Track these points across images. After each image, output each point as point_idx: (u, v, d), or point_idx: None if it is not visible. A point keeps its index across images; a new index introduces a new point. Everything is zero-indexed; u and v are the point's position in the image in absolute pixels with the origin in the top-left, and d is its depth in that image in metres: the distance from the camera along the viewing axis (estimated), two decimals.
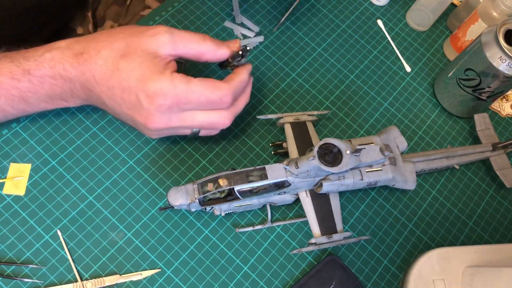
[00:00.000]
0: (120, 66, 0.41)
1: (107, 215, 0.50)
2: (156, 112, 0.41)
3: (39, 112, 0.53)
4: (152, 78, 0.40)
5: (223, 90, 0.43)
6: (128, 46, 0.41)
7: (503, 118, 0.64)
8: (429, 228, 0.56)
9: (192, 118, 0.44)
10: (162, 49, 0.41)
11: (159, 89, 0.40)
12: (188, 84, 0.41)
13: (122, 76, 0.41)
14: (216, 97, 0.43)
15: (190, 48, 0.43)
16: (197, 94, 0.42)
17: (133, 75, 0.40)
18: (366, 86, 0.63)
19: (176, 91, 0.41)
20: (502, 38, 0.50)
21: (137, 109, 0.42)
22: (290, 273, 0.50)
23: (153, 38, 0.41)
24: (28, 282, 0.46)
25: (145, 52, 0.41)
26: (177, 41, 0.42)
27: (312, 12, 0.67)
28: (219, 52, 0.44)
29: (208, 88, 0.42)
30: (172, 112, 0.42)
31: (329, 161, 0.43)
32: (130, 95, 0.41)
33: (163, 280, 0.48)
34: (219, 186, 0.45)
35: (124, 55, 0.41)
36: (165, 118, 0.42)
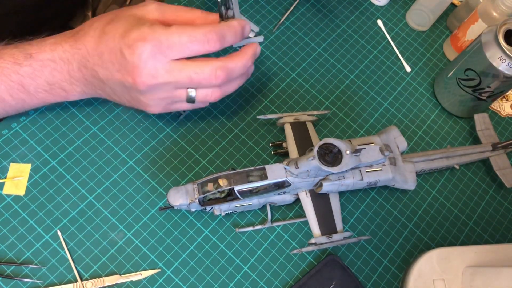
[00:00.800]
0: (106, 29, 0.42)
1: (107, 215, 0.50)
2: (140, 61, 0.40)
3: (39, 111, 0.53)
4: (132, 29, 0.40)
5: (206, 27, 0.40)
6: (116, 14, 0.43)
7: (503, 118, 0.64)
8: (429, 228, 0.56)
9: (180, 69, 0.41)
10: (150, 14, 0.42)
11: (137, 35, 0.40)
12: (168, 28, 0.40)
13: (108, 38, 0.41)
14: (199, 34, 0.40)
15: (179, 15, 0.43)
16: (178, 35, 0.40)
17: (117, 32, 0.41)
18: (366, 86, 0.63)
19: (155, 35, 0.39)
20: (502, 38, 0.50)
21: (123, 68, 0.41)
22: (290, 273, 0.50)
23: (140, 7, 0.43)
24: (28, 282, 0.46)
25: (131, 15, 0.42)
26: (165, 9, 0.43)
27: (312, 12, 0.67)
28: (210, 17, 0.44)
29: (190, 28, 0.40)
30: (157, 59, 0.40)
31: (329, 161, 0.43)
32: (116, 53, 0.41)
33: (163, 280, 0.48)
34: (219, 186, 0.45)
35: (111, 21, 0.42)
36: (151, 68, 0.40)
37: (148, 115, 0.55)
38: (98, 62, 0.43)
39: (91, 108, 0.54)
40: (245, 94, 0.59)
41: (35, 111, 0.53)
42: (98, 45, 0.42)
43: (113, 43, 0.41)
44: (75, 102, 0.54)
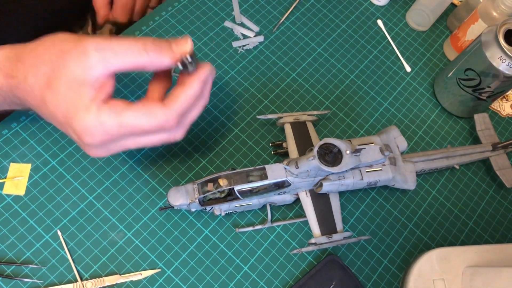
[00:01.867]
0: (46, 98, 0.37)
1: (107, 215, 0.50)
2: (89, 147, 0.38)
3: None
4: (76, 115, 0.36)
5: (161, 117, 0.37)
6: (53, 72, 0.36)
7: (503, 118, 0.64)
8: (429, 228, 0.56)
9: (135, 143, 0.39)
10: (91, 73, 0.36)
11: (84, 128, 0.36)
12: (118, 117, 0.36)
13: (49, 110, 0.37)
14: (154, 127, 0.38)
15: (127, 63, 0.37)
16: (130, 128, 0.37)
17: (59, 110, 0.37)
18: (366, 86, 0.63)
19: (104, 128, 0.36)
20: (502, 38, 0.50)
21: (71, 136, 0.39)
22: (290, 273, 0.50)
23: (79, 61, 0.36)
24: (28, 282, 0.46)
25: (71, 81, 0.36)
26: (108, 59, 0.36)
27: (312, 12, 0.67)
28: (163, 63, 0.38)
29: (143, 118, 0.37)
30: (107, 144, 0.38)
31: (329, 161, 0.43)
32: (62, 127, 0.39)
33: (163, 280, 0.48)
34: (219, 186, 0.45)
35: (49, 85, 0.37)
36: (102, 150, 0.39)
37: None
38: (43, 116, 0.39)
39: None
40: (245, 94, 0.59)
41: None
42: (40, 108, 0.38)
43: (56, 119, 0.38)
44: None
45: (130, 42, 0.37)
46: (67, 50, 0.36)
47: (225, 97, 0.58)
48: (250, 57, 0.61)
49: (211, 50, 0.61)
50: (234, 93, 0.59)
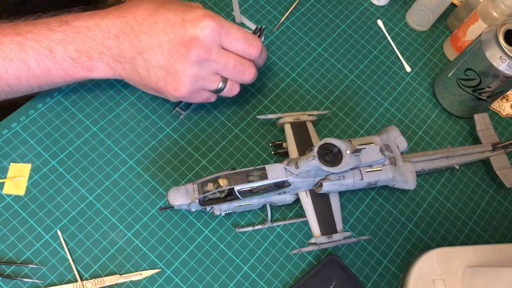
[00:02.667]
0: (165, 4, 0.45)
1: (107, 215, 0.50)
2: (201, 34, 0.43)
3: (39, 111, 0.53)
4: (197, 8, 0.44)
5: (256, 39, 0.47)
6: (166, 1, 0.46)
7: (503, 118, 0.64)
8: (429, 228, 0.56)
9: (227, 55, 0.46)
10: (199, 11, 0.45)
11: (203, 12, 0.43)
12: (226, 21, 0.45)
13: (167, 10, 0.44)
14: (251, 37, 0.46)
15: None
16: (235, 28, 0.45)
17: (179, 8, 0.44)
18: (366, 86, 0.63)
19: (220, 19, 0.44)
20: (502, 38, 0.50)
21: (179, 38, 0.43)
22: (290, 273, 0.50)
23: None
24: (28, 282, 0.46)
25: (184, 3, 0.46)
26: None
27: (312, 12, 0.67)
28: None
29: (245, 32, 0.46)
30: (214, 39, 0.44)
31: (329, 161, 0.43)
32: (175, 24, 0.43)
33: (163, 280, 0.48)
34: (219, 186, 0.45)
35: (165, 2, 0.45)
36: (208, 44, 0.44)
37: (148, 115, 0.55)
38: (145, 30, 0.44)
39: (91, 108, 0.54)
40: (245, 94, 0.59)
41: (35, 110, 0.53)
42: (153, 15, 0.44)
43: (173, 15, 0.43)
44: (75, 102, 0.54)
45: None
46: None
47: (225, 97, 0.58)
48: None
49: None
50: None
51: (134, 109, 0.55)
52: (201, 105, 0.57)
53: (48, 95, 0.54)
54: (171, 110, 0.56)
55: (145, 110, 0.55)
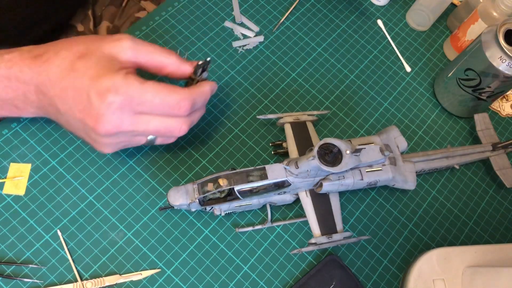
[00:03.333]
0: (76, 66, 0.39)
1: (107, 215, 0.50)
2: (107, 110, 0.39)
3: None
4: (105, 75, 0.39)
5: (181, 94, 0.41)
6: (88, 48, 0.40)
7: (503, 118, 0.64)
8: (429, 228, 0.56)
9: (146, 123, 0.41)
10: (123, 54, 0.40)
11: (110, 85, 0.38)
12: (143, 83, 0.39)
13: (76, 76, 0.39)
14: (173, 101, 0.41)
15: (153, 58, 0.42)
16: (151, 95, 0.39)
17: (87, 73, 0.39)
18: (366, 86, 0.63)
19: (129, 89, 0.39)
20: (502, 38, 0.50)
21: (87, 110, 0.39)
22: (290, 273, 0.50)
23: (114, 43, 0.40)
24: (28, 282, 0.46)
25: (104, 54, 0.40)
26: (139, 49, 0.41)
27: (312, 12, 0.67)
28: (183, 67, 0.43)
29: (165, 90, 0.40)
30: (124, 112, 0.39)
31: (329, 161, 0.43)
32: (82, 94, 0.39)
33: (163, 280, 0.48)
34: (219, 186, 0.45)
35: (82, 56, 0.40)
36: (116, 119, 0.39)
37: None
38: (59, 95, 0.40)
39: None
40: (245, 94, 0.59)
41: None
42: (64, 79, 0.40)
43: (81, 83, 0.39)
44: None
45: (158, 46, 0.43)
46: (102, 38, 0.41)
47: (225, 97, 0.58)
48: (250, 57, 0.61)
49: (211, 50, 0.61)
50: (234, 93, 0.59)
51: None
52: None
53: None
54: None
55: None
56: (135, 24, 0.60)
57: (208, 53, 0.60)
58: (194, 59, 0.59)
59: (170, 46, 0.60)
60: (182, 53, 0.59)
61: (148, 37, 0.59)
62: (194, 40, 0.61)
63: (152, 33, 0.60)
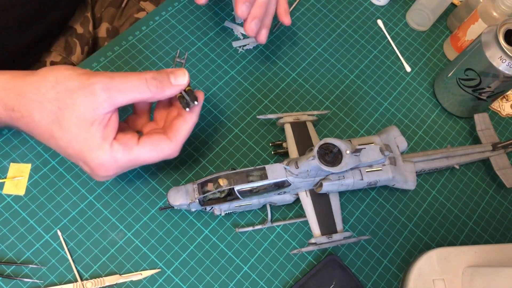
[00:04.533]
0: (56, 135, 0.38)
1: (107, 215, 0.50)
2: (100, 177, 0.41)
3: None
4: (91, 153, 0.38)
5: (168, 150, 0.41)
6: (61, 110, 0.37)
7: (503, 118, 0.64)
8: (429, 228, 0.56)
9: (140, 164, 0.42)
10: (99, 112, 0.38)
11: (99, 164, 0.39)
12: (130, 153, 0.40)
13: (59, 144, 0.39)
14: (161, 158, 0.42)
15: (131, 98, 0.39)
16: (140, 161, 0.41)
17: (71, 147, 0.38)
18: (366, 86, 0.63)
19: (118, 164, 0.40)
20: (502, 38, 0.50)
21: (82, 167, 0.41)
22: (290, 273, 0.50)
23: (87, 101, 0.37)
24: (28, 282, 0.46)
25: (80, 120, 0.37)
26: (115, 97, 0.38)
27: (312, 12, 0.67)
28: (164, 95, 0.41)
29: (152, 153, 0.41)
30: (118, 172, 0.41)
31: (329, 161, 0.43)
32: (71, 159, 0.40)
33: (163, 280, 0.48)
34: (219, 186, 0.45)
35: (57, 123, 0.38)
36: (111, 176, 0.41)
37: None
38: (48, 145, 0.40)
39: None
40: (245, 94, 0.59)
41: None
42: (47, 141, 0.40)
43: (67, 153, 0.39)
44: None
45: (133, 79, 0.39)
46: (74, 89, 0.37)
47: (225, 97, 0.58)
48: (250, 57, 0.61)
49: (211, 50, 0.61)
50: (234, 93, 0.59)
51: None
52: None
53: None
54: None
55: None
56: (135, 24, 0.60)
57: (208, 53, 0.60)
58: (194, 59, 0.59)
59: (170, 46, 0.60)
60: (182, 53, 0.59)
61: (148, 37, 0.59)
62: (194, 40, 0.61)
63: (152, 33, 0.60)
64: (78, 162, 0.40)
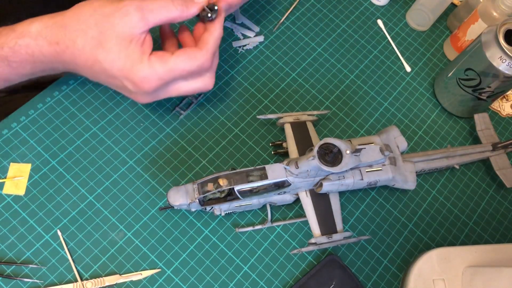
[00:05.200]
0: (99, 57, 0.42)
1: (107, 215, 0.50)
2: (144, 93, 0.44)
3: (39, 110, 0.53)
4: (133, 68, 0.42)
5: (201, 58, 0.44)
6: (102, 34, 0.41)
7: (503, 118, 0.64)
8: (429, 228, 0.56)
9: (177, 90, 0.46)
10: (136, 30, 0.42)
11: (142, 77, 0.42)
12: (167, 64, 0.43)
13: (103, 66, 0.42)
14: (196, 67, 0.44)
15: (162, 18, 0.43)
16: (178, 71, 0.43)
17: (114, 66, 0.42)
18: (366, 86, 0.63)
19: (159, 75, 0.43)
20: (502, 38, 0.50)
21: (124, 90, 0.45)
22: (290, 273, 0.50)
23: (124, 21, 0.41)
24: (28, 282, 0.46)
25: (120, 39, 0.41)
26: (147, 17, 0.42)
27: (312, 12, 0.67)
28: (190, 13, 0.45)
29: (187, 62, 0.43)
30: (159, 90, 0.44)
31: (329, 161, 0.43)
32: (115, 80, 0.43)
33: (163, 280, 0.48)
34: (219, 186, 0.45)
35: (100, 45, 0.42)
36: (152, 96, 0.45)
37: (148, 115, 0.55)
38: (92, 75, 0.44)
39: (91, 108, 0.54)
40: (245, 94, 0.59)
41: (35, 110, 0.53)
42: (92, 67, 0.43)
43: (111, 73, 0.42)
44: (75, 102, 0.54)
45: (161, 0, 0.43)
46: (110, 13, 0.42)
47: (225, 97, 0.58)
48: (250, 57, 0.61)
49: None
50: (234, 93, 0.59)
51: (134, 109, 0.55)
52: (201, 105, 0.57)
53: (48, 95, 0.54)
54: (171, 110, 0.56)
55: (145, 110, 0.55)
56: None
57: None
58: None
59: None
60: None
61: None
62: None
63: (152, 33, 0.60)
64: (123, 81, 0.43)
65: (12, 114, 0.52)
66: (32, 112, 0.53)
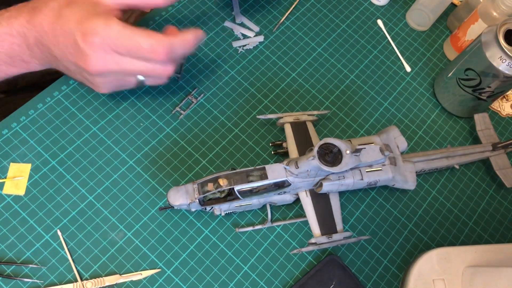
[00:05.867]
0: (64, 12, 0.43)
1: (107, 215, 0.50)
2: (90, 51, 0.42)
3: (39, 110, 0.53)
4: (88, 18, 0.42)
5: (156, 40, 0.42)
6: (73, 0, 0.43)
7: (503, 118, 0.64)
8: (429, 228, 0.56)
9: (130, 63, 0.44)
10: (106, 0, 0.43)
11: (92, 28, 0.41)
12: (124, 28, 0.42)
13: (64, 21, 0.42)
14: (147, 45, 0.42)
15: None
16: (127, 37, 0.42)
17: (73, 18, 0.42)
18: (366, 86, 0.63)
19: (108, 32, 0.41)
20: (502, 38, 0.50)
21: (76, 53, 0.43)
22: (290, 273, 0.50)
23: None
24: (28, 282, 0.46)
25: (88, 2, 0.43)
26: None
27: (312, 12, 0.67)
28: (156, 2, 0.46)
29: (142, 36, 0.42)
30: (106, 52, 0.42)
31: (329, 161, 0.43)
32: (70, 38, 0.42)
33: (163, 280, 0.48)
34: (219, 186, 0.45)
35: (68, 4, 0.43)
36: (101, 59, 0.43)
37: (148, 115, 0.55)
38: (53, 42, 0.44)
39: (91, 108, 0.54)
40: (245, 94, 0.59)
41: (35, 110, 0.53)
42: (54, 26, 0.43)
43: (68, 28, 0.42)
44: (75, 102, 0.54)
45: None
46: None
47: (225, 97, 0.58)
48: (250, 57, 0.61)
49: (211, 50, 0.61)
50: (234, 93, 0.59)
51: (134, 109, 0.55)
52: (201, 105, 0.57)
53: (48, 95, 0.54)
54: (171, 110, 0.56)
55: (145, 110, 0.55)
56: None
57: (208, 53, 0.60)
58: (194, 59, 0.59)
59: None
60: None
61: None
62: None
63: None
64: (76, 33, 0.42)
65: (12, 114, 0.53)
66: (32, 112, 0.53)
